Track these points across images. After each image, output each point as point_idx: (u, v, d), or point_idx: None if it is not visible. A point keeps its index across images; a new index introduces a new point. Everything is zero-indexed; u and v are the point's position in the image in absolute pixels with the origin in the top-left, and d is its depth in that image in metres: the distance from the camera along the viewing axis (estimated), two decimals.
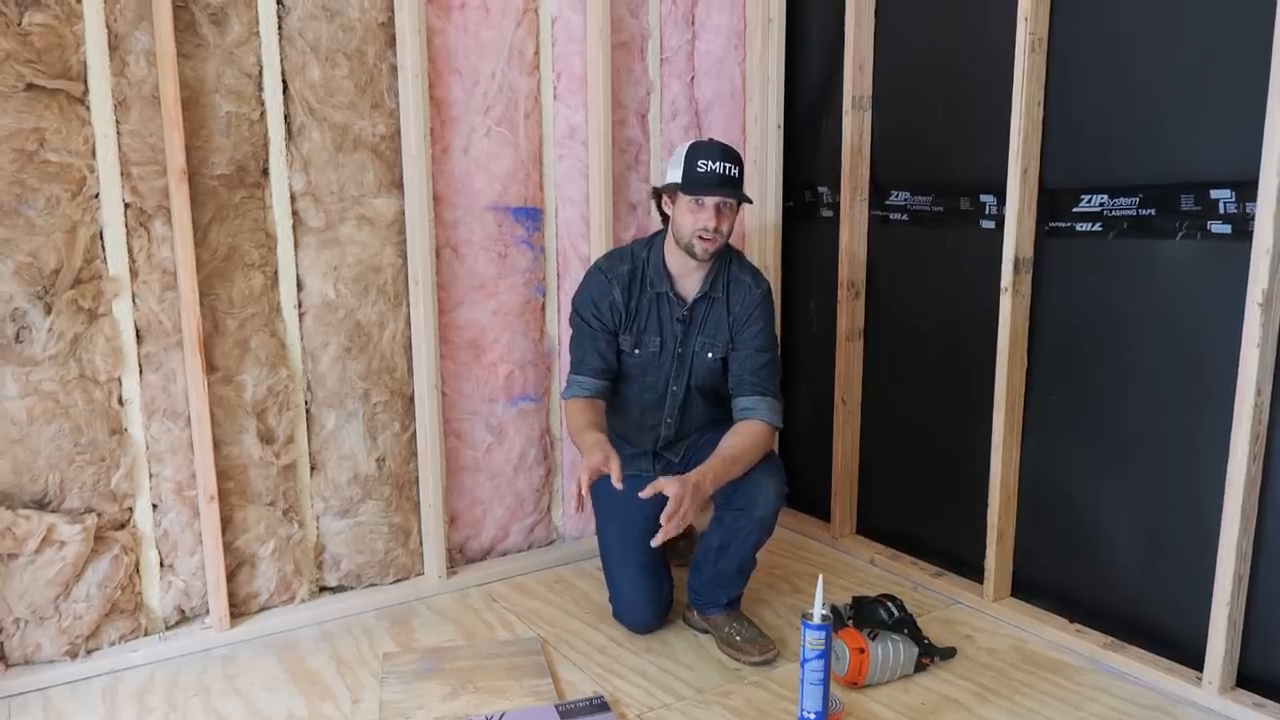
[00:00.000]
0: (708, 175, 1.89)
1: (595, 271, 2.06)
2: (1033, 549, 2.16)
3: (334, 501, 2.20)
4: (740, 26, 2.60)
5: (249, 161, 2.01)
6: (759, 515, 1.95)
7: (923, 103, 2.30)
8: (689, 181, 1.90)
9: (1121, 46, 1.89)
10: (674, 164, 1.96)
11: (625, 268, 2.03)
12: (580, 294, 2.07)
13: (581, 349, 2.05)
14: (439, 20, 2.17)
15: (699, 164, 1.89)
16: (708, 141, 1.96)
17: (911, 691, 1.85)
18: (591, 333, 2.04)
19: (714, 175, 1.89)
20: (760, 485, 1.94)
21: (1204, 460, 1.80)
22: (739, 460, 1.89)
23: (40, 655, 1.90)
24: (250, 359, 2.05)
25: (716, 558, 2.00)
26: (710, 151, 1.91)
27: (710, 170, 1.89)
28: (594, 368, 2.03)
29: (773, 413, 1.96)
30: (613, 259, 2.08)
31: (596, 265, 2.08)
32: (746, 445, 1.91)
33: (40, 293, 1.82)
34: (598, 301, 2.03)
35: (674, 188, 1.94)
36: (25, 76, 1.74)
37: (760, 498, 1.93)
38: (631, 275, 2.03)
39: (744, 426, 1.95)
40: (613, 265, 2.05)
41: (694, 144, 1.95)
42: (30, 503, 1.86)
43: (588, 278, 2.07)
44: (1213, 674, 1.77)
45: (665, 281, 2.02)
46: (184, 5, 1.88)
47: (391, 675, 1.90)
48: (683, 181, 1.91)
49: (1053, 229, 2.03)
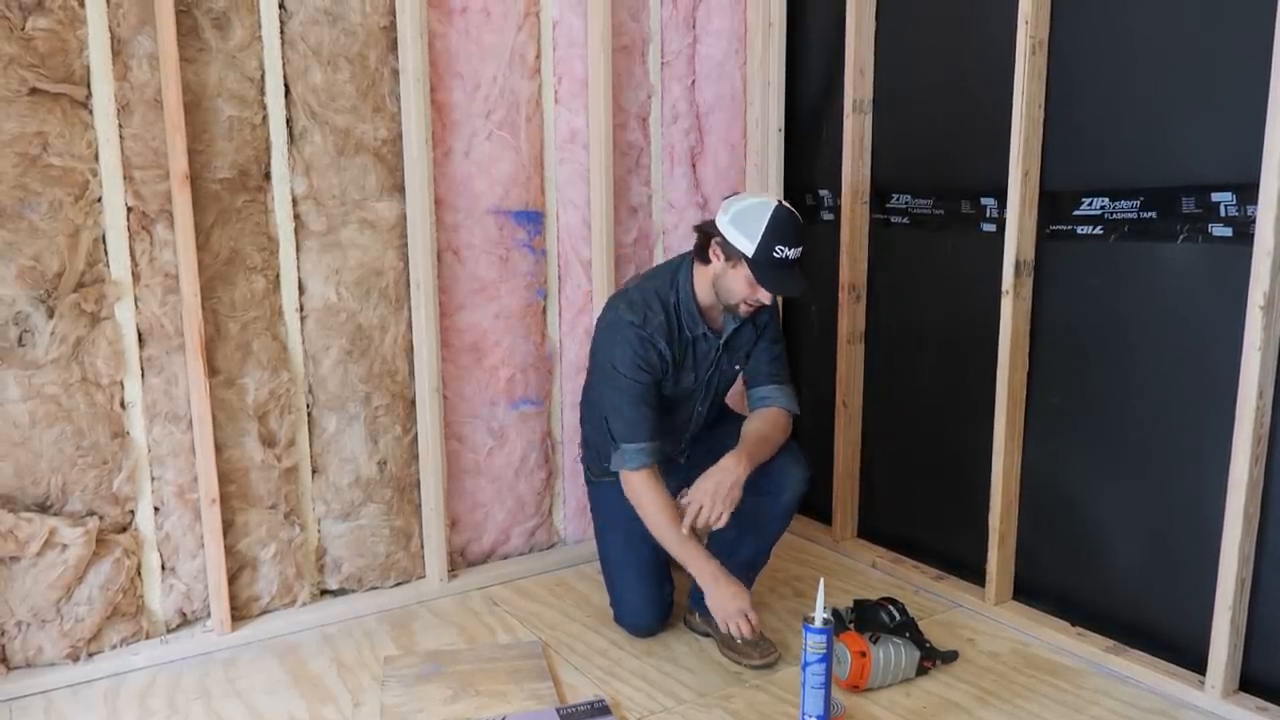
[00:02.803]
0: (781, 262, 1.78)
1: (629, 327, 1.88)
2: (1034, 552, 2.15)
3: (335, 505, 2.20)
4: (741, 30, 2.61)
5: (251, 165, 2.01)
6: (785, 499, 1.96)
7: (923, 106, 2.31)
8: (761, 265, 1.78)
9: (1122, 49, 1.89)
10: (744, 226, 1.79)
11: (659, 318, 1.90)
12: (620, 351, 1.88)
13: (633, 412, 1.87)
14: (440, 24, 2.18)
15: (777, 249, 1.77)
16: (789, 217, 1.80)
17: (913, 695, 1.85)
18: (643, 390, 1.88)
19: (787, 261, 1.79)
20: (788, 471, 1.96)
21: (1206, 463, 1.80)
22: (768, 440, 1.93)
23: (42, 658, 1.90)
24: (252, 362, 2.05)
25: (730, 550, 1.99)
26: (790, 236, 1.78)
27: (784, 257, 1.78)
28: (650, 430, 1.88)
29: (791, 400, 2.01)
30: (639, 309, 1.89)
31: (628, 321, 1.88)
32: (774, 429, 1.95)
33: (43, 296, 1.82)
34: (644, 357, 1.87)
35: (740, 257, 1.80)
36: (29, 81, 1.75)
37: (787, 482, 1.96)
38: (668, 324, 1.91)
39: (766, 412, 1.98)
40: (646, 318, 1.88)
41: (776, 217, 1.78)
42: (32, 506, 1.86)
43: (623, 334, 1.88)
44: (1215, 678, 1.76)
45: (701, 323, 1.93)
46: (186, 10, 1.89)
47: (392, 678, 1.90)
48: (754, 259, 1.78)
49: (1054, 232, 2.03)
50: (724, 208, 1.86)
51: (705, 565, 1.87)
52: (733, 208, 1.84)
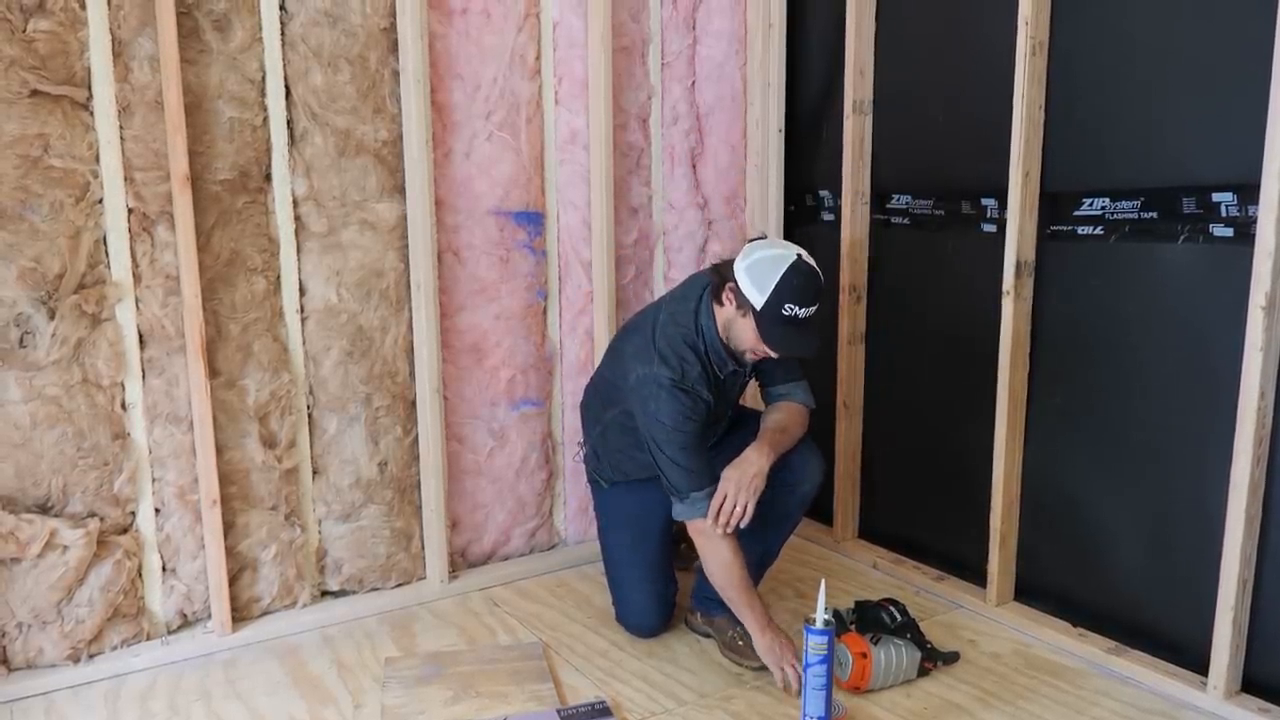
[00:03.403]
0: (790, 320, 1.75)
1: (669, 384, 1.83)
2: (1035, 553, 2.15)
3: (336, 506, 2.20)
4: (741, 31, 2.61)
5: (252, 166, 2.01)
6: (804, 489, 1.97)
7: (924, 106, 2.31)
8: (767, 320, 1.75)
9: (1122, 49, 1.89)
10: (758, 277, 1.75)
11: (696, 369, 1.86)
12: (665, 408, 1.83)
13: (691, 461, 1.84)
14: (441, 25, 2.18)
15: (785, 307, 1.73)
16: (802, 276, 1.75)
17: (914, 696, 1.85)
18: (692, 439, 1.85)
19: (796, 320, 1.75)
20: (807, 461, 1.97)
21: (1207, 464, 1.80)
22: (788, 431, 1.94)
23: (42, 659, 1.90)
24: (253, 363, 2.05)
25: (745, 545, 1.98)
26: (802, 295, 1.74)
27: (794, 316, 1.74)
28: (711, 474, 1.86)
29: (807, 395, 2.03)
30: (674, 363, 1.85)
31: (668, 378, 1.83)
32: (793, 420, 1.96)
33: (44, 298, 1.82)
34: (691, 409, 1.84)
35: (749, 307, 1.76)
36: (30, 82, 1.75)
37: (807, 472, 1.96)
38: (705, 371, 1.88)
39: (784, 405, 1.99)
40: (684, 372, 1.84)
41: (789, 274, 1.74)
42: (33, 507, 1.86)
43: (665, 391, 1.83)
44: (1217, 678, 1.76)
45: (730, 362, 1.90)
46: (187, 11, 1.89)
47: (393, 680, 1.90)
48: (761, 313, 1.75)
49: (1054, 232, 2.03)
50: (745, 252, 1.82)
51: (759, 616, 1.87)
52: (753, 254, 1.79)
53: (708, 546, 1.87)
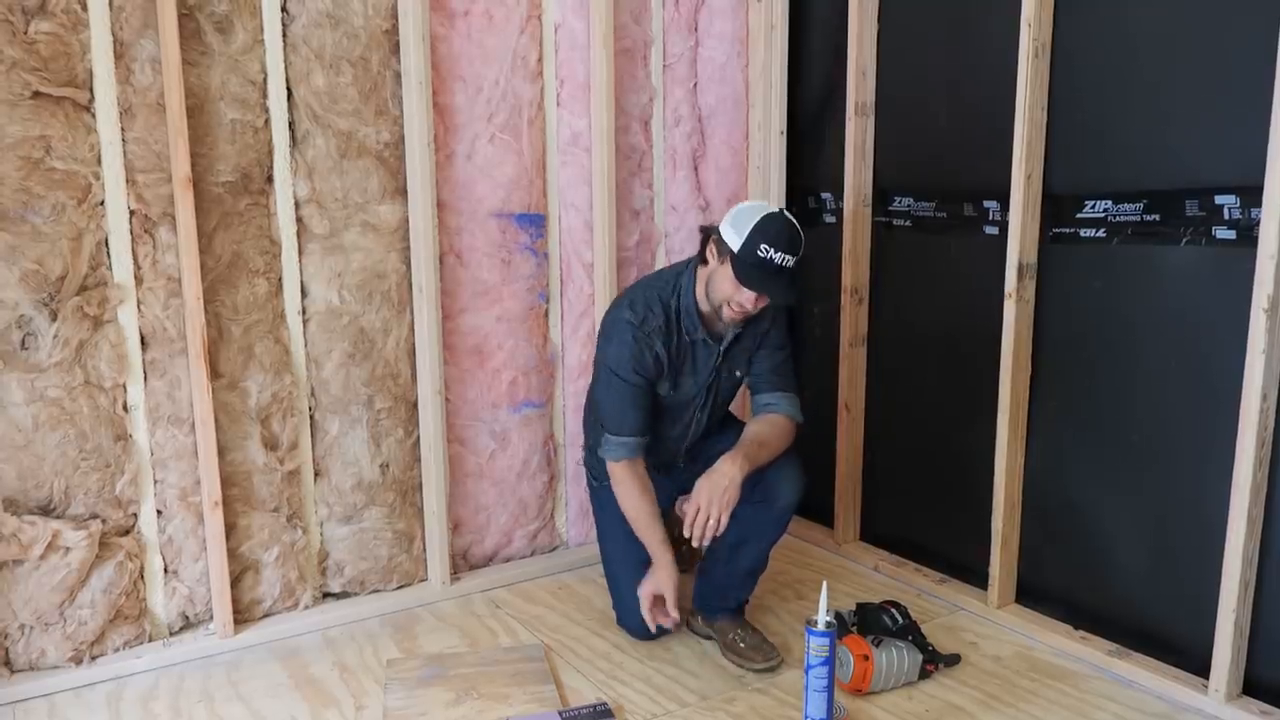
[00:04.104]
0: (764, 263, 1.76)
1: (627, 327, 1.90)
2: (1037, 555, 2.15)
3: (338, 508, 2.21)
4: (743, 33, 2.61)
5: (253, 168, 2.01)
6: (780, 506, 1.94)
7: (926, 108, 2.30)
8: (744, 265, 1.77)
9: (1125, 51, 1.89)
10: (737, 224, 1.80)
11: (659, 320, 1.91)
12: (616, 351, 1.90)
13: (622, 408, 1.91)
14: (443, 27, 2.18)
15: (760, 247, 1.75)
16: (778, 219, 1.80)
17: (916, 699, 1.85)
18: (634, 391, 1.90)
19: (771, 265, 1.76)
20: (783, 477, 1.95)
21: (1209, 466, 1.80)
22: (766, 445, 1.91)
23: (45, 661, 1.90)
24: (254, 365, 2.05)
25: (729, 556, 1.99)
26: (778, 237, 1.76)
27: (769, 259, 1.75)
28: (636, 426, 1.92)
29: (795, 408, 2.00)
30: (640, 310, 1.91)
31: (627, 321, 1.90)
32: (774, 433, 1.94)
33: (46, 300, 1.82)
34: (639, 358, 1.89)
35: (727, 253, 1.80)
36: (31, 84, 1.75)
37: (783, 489, 1.94)
38: (667, 325, 1.92)
39: (768, 417, 1.97)
40: (645, 319, 1.90)
41: (765, 217, 1.79)
42: (35, 509, 1.86)
43: (620, 333, 1.90)
44: (1219, 681, 1.76)
45: (700, 328, 1.93)
46: (189, 13, 1.89)
47: (395, 682, 1.90)
48: (737, 255, 1.77)
49: (1056, 235, 2.03)
50: (730, 212, 1.88)
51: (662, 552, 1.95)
52: (734, 209, 1.87)
53: (620, 490, 1.96)
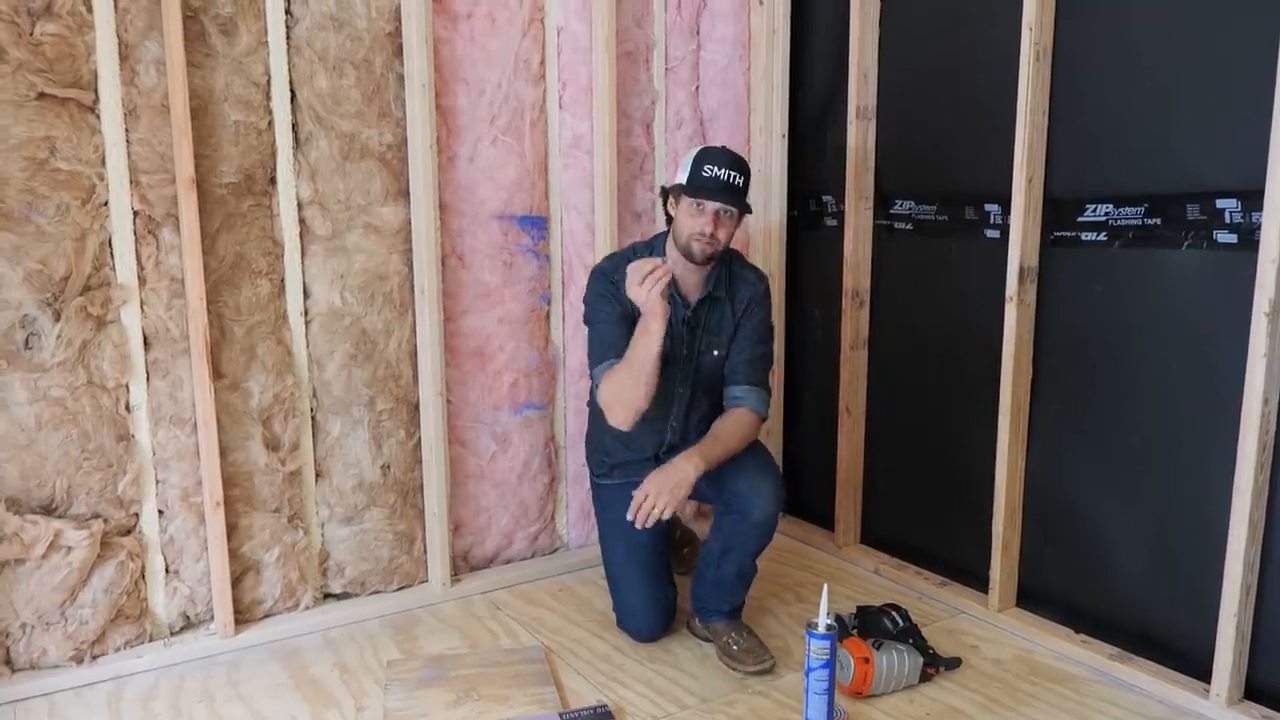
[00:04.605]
0: (711, 180, 1.89)
1: (599, 275, 2.04)
2: (1038, 559, 2.15)
3: (339, 508, 2.21)
4: (744, 36, 2.61)
5: (257, 170, 2.02)
6: (756, 519, 1.93)
7: (927, 112, 2.31)
8: (693, 185, 1.90)
9: (1127, 55, 1.89)
10: (682, 166, 1.97)
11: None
12: (590, 296, 2.04)
13: (603, 336, 1.98)
14: (446, 30, 2.19)
15: (705, 168, 1.90)
16: (717, 148, 1.97)
17: (916, 702, 1.85)
18: (612, 319, 1.98)
19: (718, 181, 1.89)
20: (757, 489, 1.93)
21: (1210, 470, 1.80)
22: (723, 441, 1.93)
23: (46, 660, 1.90)
24: (257, 366, 2.06)
25: (717, 563, 1.99)
26: (717, 157, 1.91)
27: (714, 176, 1.89)
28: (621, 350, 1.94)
29: (761, 403, 2.01)
30: (615, 260, 2.05)
31: (600, 269, 2.05)
32: (734, 430, 1.95)
33: (49, 300, 1.83)
34: (611, 295, 1.98)
35: (678, 189, 1.94)
36: (37, 85, 1.76)
37: (757, 501, 1.93)
38: None
39: (733, 413, 1.98)
40: (616, 266, 2.01)
41: (703, 149, 1.96)
42: (37, 508, 1.87)
43: (594, 281, 2.04)
44: (1220, 685, 1.75)
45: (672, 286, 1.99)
46: (193, 15, 1.90)
47: (395, 683, 1.90)
48: (686, 184, 1.92)
49: (1057, 238, 2.03)
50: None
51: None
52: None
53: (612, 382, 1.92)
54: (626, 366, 1.89)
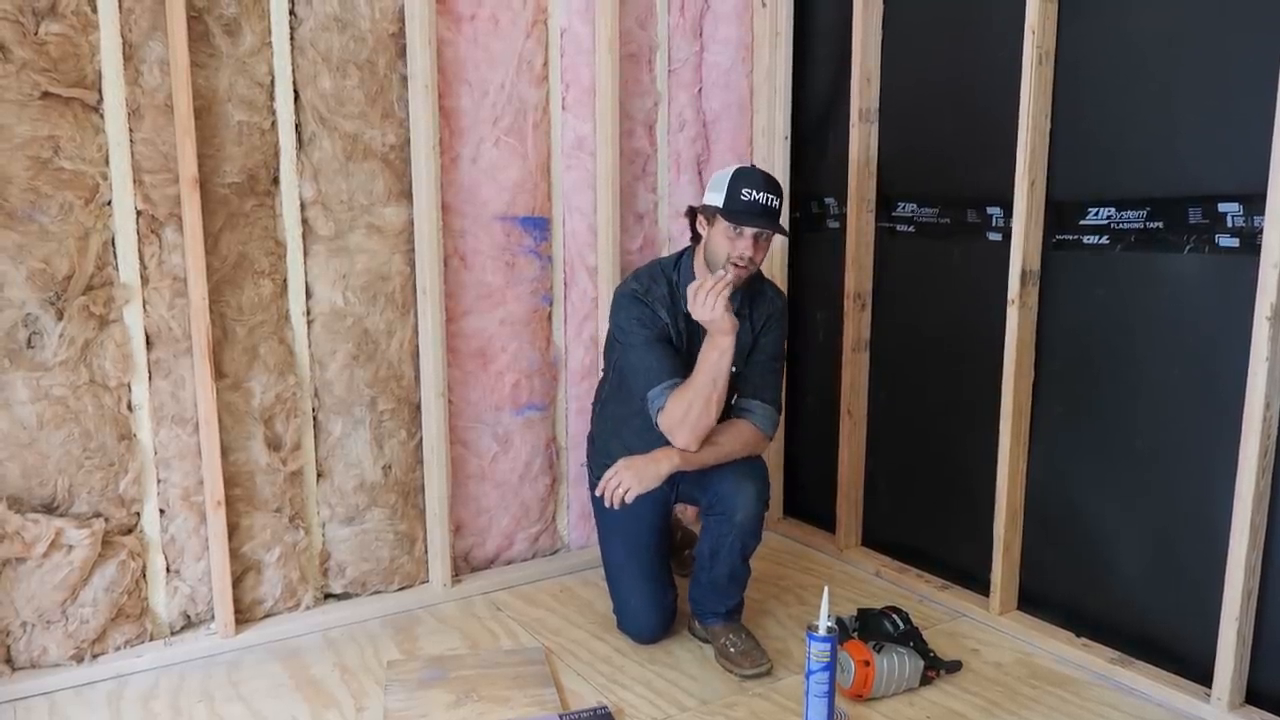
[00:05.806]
0: (750, 204, 1.84)
1: (631, 298, 1.96)
2: (1039, 562, 2.15)
3: (340, 509, 2.21)
4: (748, 39, 2.62)
5: (260, 170, 2.02)
6: (738, 520, 1.92)
7: (929, 115, 2.31)
8: (730, 208, 1.85)
9: (1129, 59, 1.89)
10: (716, 186, 1.90)
11: (662, 290, 1.97)
12: (624, 315, 1.96)
13: (647, 361, 1.91)
14: (449, 32, 2.19)
15: (743, 191, 1.85)
16: (752, 169, 1.93)
17: (916, 705, 1.84)
18: (651, 336, 1.93)
19: (757, 205, 1.84)
20: (739, 489, 1.93)
21: (1212, 474, 1.80)
22: (716, 444, 1.90)
23: (46, 659, 1.90)
24: (259, 366, 2.06)
25: (709, 565, 1.99)
26: (754, 180, 1.87)
27: (753, 200, 1.84)
28: (667, 369, 1.89)
29: (767, 421, 1.98)
30: (645, 281, 1.99)
31: (629, 292, 1.97)
32: (730, 439, 1.93)
33: (52, 299, 1.83)
34: (646, 317, 1.94)
35: (714, 211, 1.88)
36: (41, 85, 1.77)
37: (739, 501, 1.92)
38: (670, 297, 1.97)
39: (735, 423, 1.97)
40: (649, 288, 1.96)
41: (739, 169, 1.90)
42: (39, 507, 1.87)
43: (625, 302, 1.97)
44: (1221, 690, 1.75)
45: None
46: (198, 16, 1.90)
47: (395, 683, 1.90)
48: (724, 207, 1.86)
49: (1059, 241, 2.03)
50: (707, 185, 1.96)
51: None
52: (709, 181, 1.95)
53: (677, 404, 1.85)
54: (694, 388, 1.84)
